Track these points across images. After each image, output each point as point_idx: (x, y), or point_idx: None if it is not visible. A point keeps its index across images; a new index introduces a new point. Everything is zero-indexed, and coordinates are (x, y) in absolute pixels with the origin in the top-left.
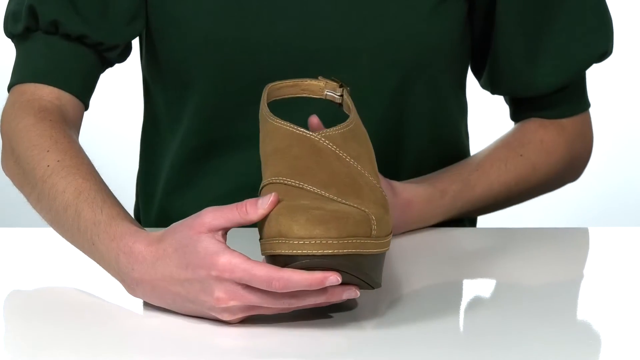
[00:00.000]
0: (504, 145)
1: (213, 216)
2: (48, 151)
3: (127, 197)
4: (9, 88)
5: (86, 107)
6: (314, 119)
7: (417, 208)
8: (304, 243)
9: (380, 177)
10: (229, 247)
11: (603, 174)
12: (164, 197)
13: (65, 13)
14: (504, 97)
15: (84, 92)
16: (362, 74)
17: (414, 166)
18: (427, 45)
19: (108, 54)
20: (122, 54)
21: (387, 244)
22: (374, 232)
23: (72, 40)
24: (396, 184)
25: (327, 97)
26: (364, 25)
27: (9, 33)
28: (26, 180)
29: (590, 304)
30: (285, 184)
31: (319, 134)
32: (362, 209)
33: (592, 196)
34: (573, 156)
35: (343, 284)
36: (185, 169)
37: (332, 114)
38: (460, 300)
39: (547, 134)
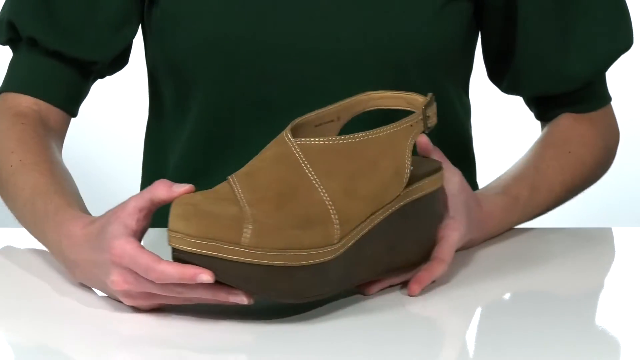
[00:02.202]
0: (549, 144)
1: (134, 197)
2: (12, 152)
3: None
4: None
5: (73, 115)
6: (423, 138)
7: (497, 219)
8: (171, 236)
9: (468, 191)
10: (129, 234)
11: (617, 172)
12: None
13: (42, 29)
14: (526, 99)
15: (65, 103)
16: (364, 74)
17: None
18: (431, 47)
19: (91, 68)
20: (111, 68)
21: (274, 258)
22: (245, 240)
23: (50, 54)
24: (478, 196)
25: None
26: (367, 26)
27: None
28: None
29: (611, 307)
30: (229, 182)
31: (298, 140)
32: (251, 214)
33: (604, 195)
34: (606, 147)
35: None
36: (191, 167)
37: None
38: (476, 300)
39: (582, 127)
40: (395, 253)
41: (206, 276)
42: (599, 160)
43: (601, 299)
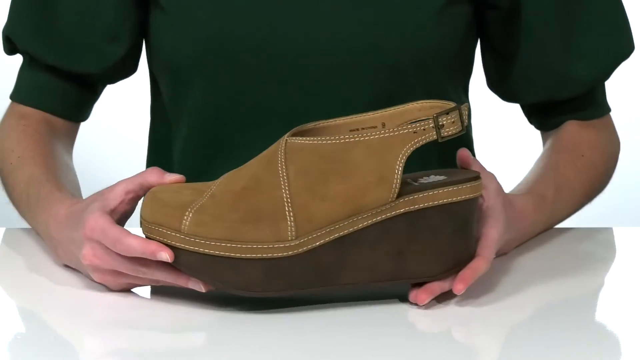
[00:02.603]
0: (562, 149)
1: (125, 179)
2: (12, 151)
3: None
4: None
5: (80, 120)
6: (463, 152)
7: (529, 218)
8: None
9: (504, 194)
10: (106, 211)
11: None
12: None
13: (37, 44)
14: (527, 107)
15: (67, 112)
16: (362, 75)
17: (418, 171)
18: (429, 48)
19: (91, 79)
20: (118, 75)
21: (214, 247)
22: (184, 228)
23: (48, 67)
24: (510, 196)
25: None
26: (365, 28)
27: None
28: (2, 181)
29: (612, 307)
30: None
31: (290, 138)
32: (201, 204)
33: (604, 195)
34: (610, 154)
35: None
36: (192, 166)
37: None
38: (476, 300)
39: (589, 133)
40: (406, 260)
41: (165, 254)
42: (608, 166)
43: (603, 299)
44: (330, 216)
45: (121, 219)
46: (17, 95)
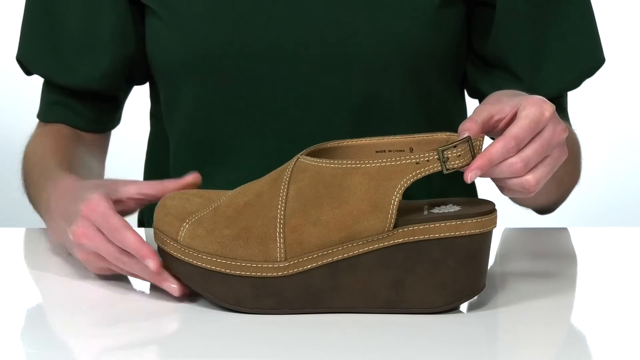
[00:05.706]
0: None
1: (144, 182)
2: (35, 153)
3: None
4: None
5: (104, 130)
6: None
7: None
8: None
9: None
10: (109, 197)
11: (602, 174)
12: None
13: (45, 66)
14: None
15: (90, 126)
16: (354, 77)
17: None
18: (422, 51)
19: (104, 93)
20: (126, 88)
21: (206, 261)
22: (180, 238)
23: (60, 87)
24: None
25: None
26: (358, 31)
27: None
28: (24, 180)
29: (572, 308)
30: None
31: (303, 157)
32: (200, 216)
33: (591, 196)
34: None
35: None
36: (186, 168)
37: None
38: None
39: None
40: (405, 290)
41: (153, 263)
42: (578, 171)
43: (563, 299)
44: (322, 241)
45: (122, 213)
46: (40, 114)
